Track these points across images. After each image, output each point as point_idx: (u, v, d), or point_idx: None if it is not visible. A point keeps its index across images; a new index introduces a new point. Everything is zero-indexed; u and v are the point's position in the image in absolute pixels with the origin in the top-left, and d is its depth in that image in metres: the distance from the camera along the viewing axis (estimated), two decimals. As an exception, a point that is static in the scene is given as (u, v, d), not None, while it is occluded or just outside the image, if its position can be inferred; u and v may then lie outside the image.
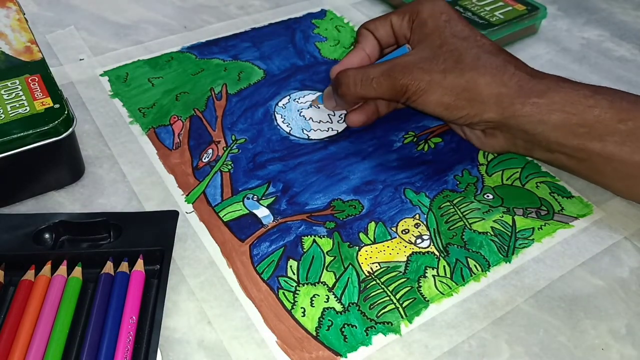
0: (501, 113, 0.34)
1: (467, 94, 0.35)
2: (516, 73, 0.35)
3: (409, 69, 0.35)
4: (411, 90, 0.35)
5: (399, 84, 0.35)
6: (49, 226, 0.32)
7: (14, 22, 0.41)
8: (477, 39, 0.36)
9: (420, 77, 0.35)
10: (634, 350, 0.30)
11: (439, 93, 0.35)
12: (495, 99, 0.34)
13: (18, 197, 0.35)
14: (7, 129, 0.32)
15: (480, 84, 0.34)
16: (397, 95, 0.36)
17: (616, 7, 0.57)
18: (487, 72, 0.34)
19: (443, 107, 0.35)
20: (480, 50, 0.35)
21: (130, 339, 0.27)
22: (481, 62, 0.35)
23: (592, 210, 0.36)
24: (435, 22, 0.37)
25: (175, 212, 0.33)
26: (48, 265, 0.30)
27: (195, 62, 0.47)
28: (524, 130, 0.35)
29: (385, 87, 0.36)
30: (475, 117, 0.35)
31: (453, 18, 0.37)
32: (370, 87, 0.36)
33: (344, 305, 0.31)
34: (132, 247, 0.31)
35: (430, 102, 0.35)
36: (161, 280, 0.30)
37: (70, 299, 0.29)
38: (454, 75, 0.35)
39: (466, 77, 0.34)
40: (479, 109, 0.35)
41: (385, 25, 0.39)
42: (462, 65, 0.35)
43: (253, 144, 0.40)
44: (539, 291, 0.32)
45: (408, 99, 0.36)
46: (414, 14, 0.38)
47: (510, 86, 0.34)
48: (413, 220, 0.35)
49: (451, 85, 0.35)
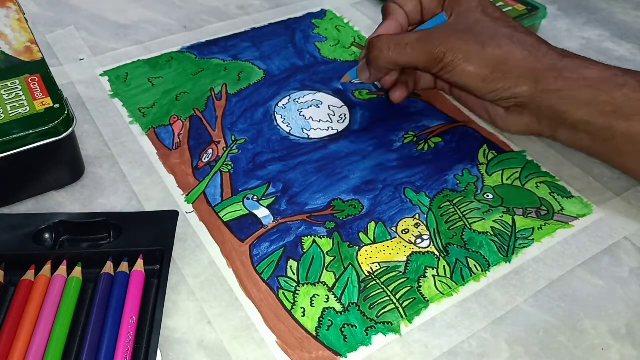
0: (534, 87, 0.35)
1: (504, 67, 0.35)
2: (549, 52, 0.35)
3: (446, 37, 0.36)
4: (448, 58, 0.35)
5: (435, 50, 0.35)
6: (49, 226, 0.32)
7: (14, 22, 0.41)
8: (509, 20, 0.37)
9: (458, 45, 0.35)
10: (634, 350, 0.30)
11: (477, 64, 0.35)
12: (530, 73, 0.35)
13: (18, 197, 0.35)
14: (7, 129, 0.32)
15: (517, 58, 0.35)
16: (432, 63, 0.36)
17: (616, 7, 0.57)
18: (524, 47, 0.35)
19: (480, 79, 0.36)
20: (514, 30, 0.36)
21: (130, 339, 0.27)
22: (516, 38, 0.36)
23: (592, 210, 0.36)
24: (468, 2, 0.38)
25: (175, 212, 0.33)
26: (48, 265, 0.30)
27: (195, 62, 0.47)
28: (552, 107, 0.35)
29: (420, 53, 0.36)
30: (508, 90, 0.36)
31: (483, 1, 0.38)
32: (404, 52, 0.36)
33: (344, 305, 0.31)
34: (132, 247, 0.31)
35: (469, 72, 0.36)
36: (161, 280, 0.30)
37: (70, 299, 0.29)
38: (492, 47, 0.35)
39: (505, 50, 0.35)
40: (514, 82, 0.35)
41: (414, 1, 0.40)
42: (498, 40, 0.35)
43: (253, 144, 0.40)
44: (539, 291, 0.32)
45: (443, 69, 0.36)
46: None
47: (545, 62, 0.35)
48: (413, 220, 0.35)
49: (489, 56, 0.35)
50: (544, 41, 0.37)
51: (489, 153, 0.40)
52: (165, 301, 0.31)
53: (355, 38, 0.51)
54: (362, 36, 0.51)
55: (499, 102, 0.37)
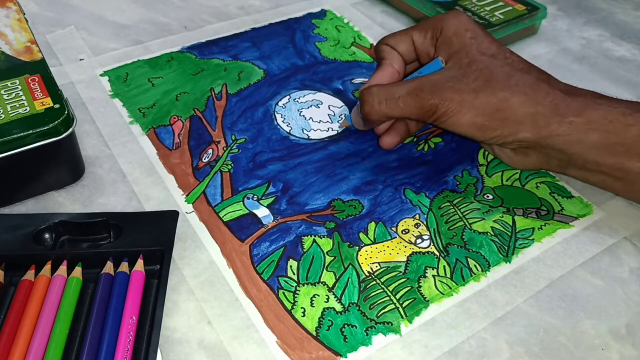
0: (537, 133, 0.33)
1: (501, 114, 0.33)
2: (550, 91, 0.33)
3: (438, 88, 0.34)
4: (441, 110, 0.34)
5: (427, 104, 0.34)
6: (49, 226, 0.32)
7: (14, 22, 0.41)
8: (507, 56, 0.35)
9: (450, 97, 0.33)
10: (634, 350, 0.30)
11: (471, 114, 0.33)
12: (530, 119, 0.33)
13: (18, 197, 0.35)
14: (7, 129, 0.32)
15: (514, 104, 0.33)
16: (425, 116, 0.35)
17: (616, 7, 0.57)
18: (521, 91, 0.33)
19: (475, 128, 0.34)
20: (511, 68, 0.34)
21: (130, 339, 0.27)
22: (513, 80, 0.33)
23: (592, 210, 0.36)
24: (461, 40, 0.35)
25: (175, 212, 0.33)
26: (48, 265, 0.30)
27: (195, 62, 0.47)
28: (559, 150, 0.34)
29: (412, 107, 0.34)
30: (509, 137, 0.34)
31: (479, 35, 0.36)
32: (395, 106, 0.35)
33: (344, 305, 0.31)
34: (132, 247, 0.31)
35: (462, 123, 0.34)
36: (161, 280, 0.30)
37: (70, 299, 0.29)
38: (486, 95, 0.33)
39: (499, 97, 0.33)
40: (513, 129, 0.34)
41: (406, 40, 0.38)
42: (493, 84, 0.33)
43: (253, 144, 0.40)
44: (539, 291, 0.32)
45: (437, 120, 0.34)
46: (437, 30, 0.37)
47: (545, 105, 0.33)
48: (413, 220, 0.35)
49: (484, 105, 0.33)
50: (545, 77, 0.34)
51: (488, 154, 0.40)
52: (165, 301, 0.31)
53: (355, 38, 0.51)
54: (362, 36, 0.51)
55: (503, 145, 0.36)
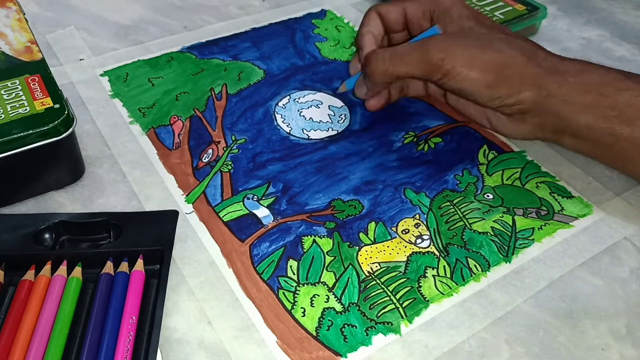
0: (538, 93, 0.34)
1: (507, 71, 0.34)
2: (548, 57, 0.35)
3: (445, 43, 0.35)
4: (448, 66, 0.34)
5: (435, 58, 0.34)
6: (49, 226, 0.32)
7: (14, 22, 0.41)
8: (503, 29, 0.37)
9: (458, 51, 0.34)
10: (634, 350, 0.30)
11: (480, 70, 0.34)
12: (532, 78, 0.34)
13: (18, 197, 0.35)
14: (7, 129, 0.32)
15: (519, 62, 0.34)
16: (432, 72, 0.35)
17: (616, 7, 0.57)
18: (524, 53, 0.34)
19: (484, 85, 0.34)
20: (510, 36, 0.36)
21: (130, 338, 0.27)
22: (514, 44, 0.35)
23: (592, 210, 0.36)
24: (459, 11, 0.37)
25: (175, 212, 0.33)
26: (48, 265, 0.30)
27: (195, 62, 0.47)
28: (556, 113, 0.34)
29: (418, 62, 0.35)
30: (512, 96, 0.35)
31: (473, 10, 0.38)
32: (401, 62, 0.35)
33: (344, 305, 0.31)
34: (132, 247, 0.31)
35: (471, 79, 0.34)
36: (161, 280, 0.30)
37: (70, 299, 0.29)
38: (493, 51, 0.34)
39: (505, 54, 0.34)
40: (517, 88, 0.34)
41: (397, 11, 0.39)
42: (497, 44, 0.34)
43: (253, 144, 0.40)
44: (539, 291, 0.32)
45: (444, 76, 0.35)
46: (432, 5, 0.38)
47: (545, 67, 0.34)
48: (413, 220, 0.35)
49: (491, 60, 0.34)
50: (540, 46, 0.36)
51: (489, 153, 0.40)
52: (166, 301, 0.31)
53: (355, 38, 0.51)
54: (362, 36, 0.51)
55: (502, 108, 0.36)
